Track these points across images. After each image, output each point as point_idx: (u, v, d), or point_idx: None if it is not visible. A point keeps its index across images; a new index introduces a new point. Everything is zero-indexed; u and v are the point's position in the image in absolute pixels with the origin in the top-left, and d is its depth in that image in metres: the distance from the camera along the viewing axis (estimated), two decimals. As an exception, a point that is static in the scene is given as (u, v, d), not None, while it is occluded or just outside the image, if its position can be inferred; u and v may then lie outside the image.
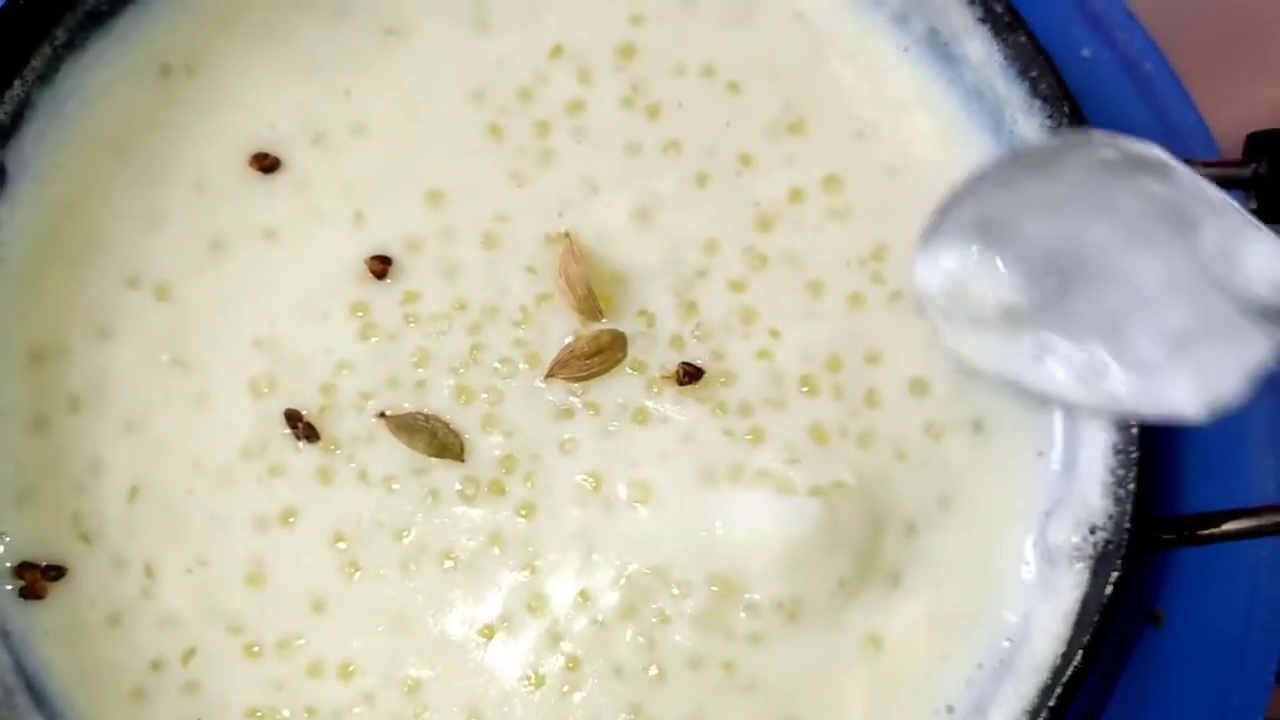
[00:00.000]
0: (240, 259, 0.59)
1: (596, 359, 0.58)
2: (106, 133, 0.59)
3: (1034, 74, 0.57)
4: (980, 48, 0.58)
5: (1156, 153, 0.47)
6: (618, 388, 0.58)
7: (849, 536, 0.57)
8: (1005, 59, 0.58)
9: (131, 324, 0.59)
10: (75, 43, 0.58)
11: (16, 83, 0.57)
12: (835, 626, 0.57)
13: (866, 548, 0.57)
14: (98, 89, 0.59)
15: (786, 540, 0.56)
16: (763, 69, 0.61)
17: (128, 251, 0.59)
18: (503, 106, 0.60)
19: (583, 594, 0.57)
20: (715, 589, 0.56)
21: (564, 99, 0.61)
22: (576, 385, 0.58)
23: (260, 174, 0.59)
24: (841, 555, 0.56)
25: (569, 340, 0.58)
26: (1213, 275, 0.46)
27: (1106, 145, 0.47)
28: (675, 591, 0.56)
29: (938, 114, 0.60)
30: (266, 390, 0.59)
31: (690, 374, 0.58)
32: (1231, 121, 0.61)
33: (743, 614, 0.56)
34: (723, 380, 0.58)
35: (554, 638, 0.57)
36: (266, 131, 0.60)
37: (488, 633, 0.57)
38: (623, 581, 0.57)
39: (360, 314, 0.59)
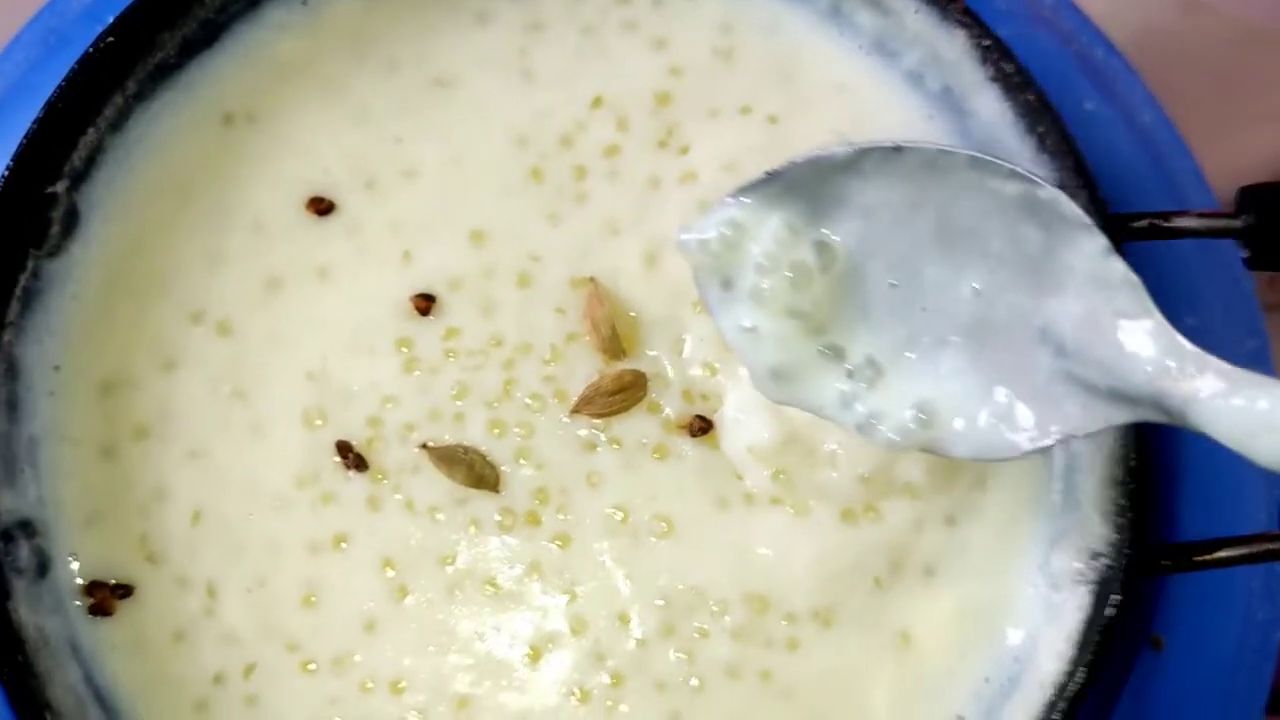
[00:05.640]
0: (295, 297, 0.60)
1: (619, 397, 0.59)
2: (172, 177, 0.61)
3: (1041, 130, 0.58)
4: (992, 105, 0.60)
5: (1079, 214, 0.49)
6: (638, 424, 0.59)
7: (882, 541, 0.58)
8: (1015, 116, 0.59)
9: (194, 357, 0.60)
10: (145, 93, 0.60)
11: (90, 130, 0.58)
12: (869, 625, 0.58)
13: (902, 543, 0.58)
14: (165, 136, 0.60)
15: (816, 560, 0.58)
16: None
17: (191, 289, 0.60)
18: (544, 152, 0.62)
19: (622, 616, 0.58)
20: (752, 605, 0.58)
21: (602, 144, 0.62)
22: (599, 421, 0.59)
23: (315, 216, 0.61)
24: (875, 557, 0.58)
25: (594, 379, 0.60)
26: (1064, 337, 0.49)
27: (1012, 180, 0.49)
28: (714, 608, 0.58)
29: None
30: (319, 422, 0.60)
31: (703, 427, 0.59)
32: (1228, 171, 0.63)
33: (783, 622, 0.57)
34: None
35: (597, 656, 0.58)
36: (322, 177, 0.61)
37: (533, 654, 0.58)
38: (660, 603, 0.58)
39: (405, 349, 0.60)
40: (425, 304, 0.61)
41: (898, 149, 0.51)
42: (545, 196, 0.62)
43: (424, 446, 0.59)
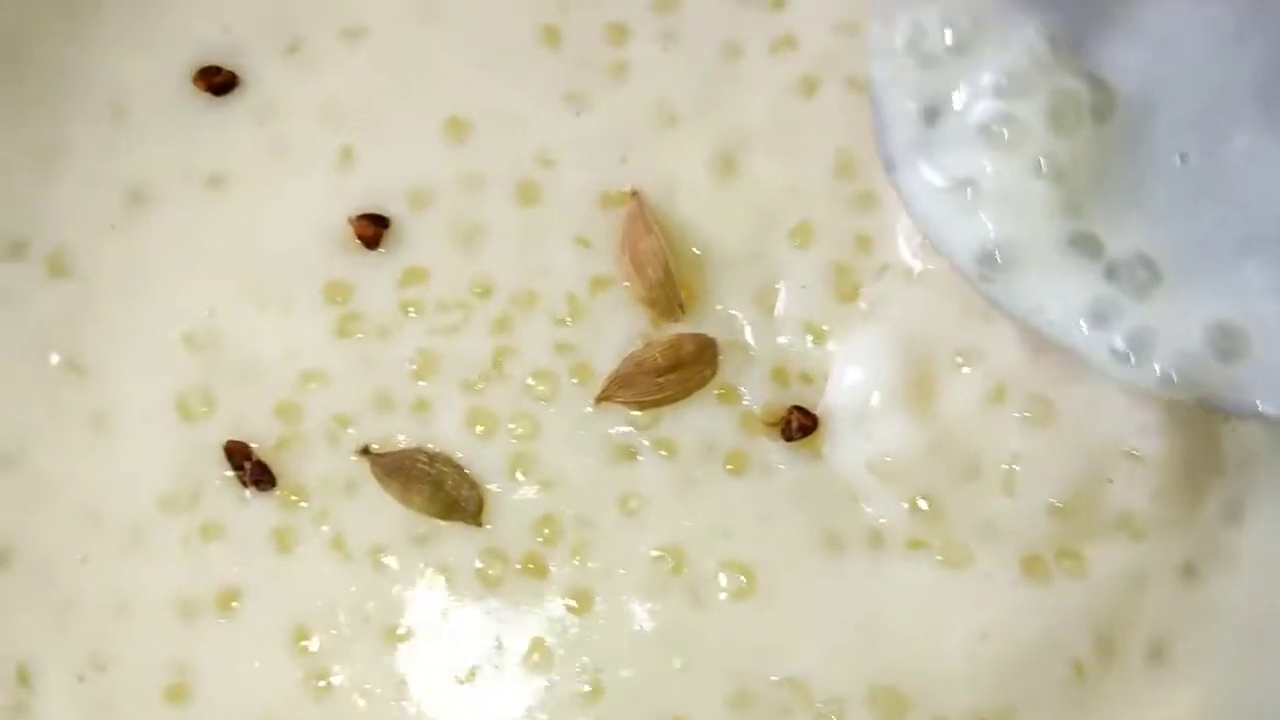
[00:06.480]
0: (171, 217, 0.52)
1: (674, 377, 0.51)
2: (-12, 35, 0.55)
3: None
4: None
5: None
6: (702, 420, 0.51)
7: (1086, 606, 0.50)
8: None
9: (9, 309, 0.52)
10: (-57, -98, 0.53)
11: None
12: None
13: (1117, 608, 0.51)
14: (-23, -27, 0.55)
15: (984, 636, 0.50)
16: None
17: (11, 203, 0.53)
18: (563, 2, 0.54)
19: None
20: (882, 705, 0.50)
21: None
22: (642, 414, 0.52)
23: (209, 96, 0.53)
24: (1074, 628, 0.50)
25: (635, 348, 0.51)
26: None
27: None
28: (821, 708, 0.50)
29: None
30: (202, 410, 0.52)
31: (804, 426, 0.50)
32: None
33: None
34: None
35: None
36: (219, 37, 0.54)
37: (536, 779, 0.52)
38: (733, 695, 0.49)
39: (339, 300, 0.52)
40: (373, 230, 0.52)
41: None
42: (563, 68, 0.54)
43: (365, 451, 0.51)
